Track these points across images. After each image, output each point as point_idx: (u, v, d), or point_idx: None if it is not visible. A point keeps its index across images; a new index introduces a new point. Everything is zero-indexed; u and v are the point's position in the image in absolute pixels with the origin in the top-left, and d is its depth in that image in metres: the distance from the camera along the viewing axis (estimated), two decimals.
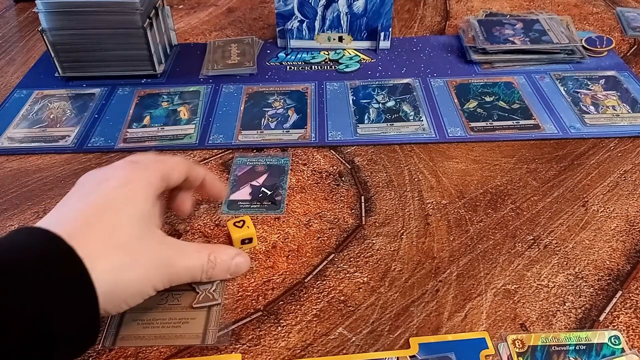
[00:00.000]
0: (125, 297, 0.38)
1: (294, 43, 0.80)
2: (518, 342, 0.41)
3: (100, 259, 0.35)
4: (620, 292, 0.45)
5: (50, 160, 0.61)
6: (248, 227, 0.48)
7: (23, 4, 0.98)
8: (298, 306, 0.45)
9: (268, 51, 0.81)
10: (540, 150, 0.61)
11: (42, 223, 0.37)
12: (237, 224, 0.48)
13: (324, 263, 0.48)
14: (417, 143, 0.62)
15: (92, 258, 0.34)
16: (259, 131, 0.65)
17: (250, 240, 0.49)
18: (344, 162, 0.60)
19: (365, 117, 0.66)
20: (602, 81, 0.72)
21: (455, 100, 0.69)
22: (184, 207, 0.48)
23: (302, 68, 0.77)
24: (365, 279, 0.47)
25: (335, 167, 0.59)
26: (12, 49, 0.84)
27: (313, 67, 0.77)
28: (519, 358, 0.40)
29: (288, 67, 0.77)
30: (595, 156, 0.60)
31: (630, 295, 0.45)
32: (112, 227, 0.37)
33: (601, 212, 0.53)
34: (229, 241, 0.49)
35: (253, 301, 0.45)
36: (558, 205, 0.54)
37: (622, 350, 0.41)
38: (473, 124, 0.65)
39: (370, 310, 0.44)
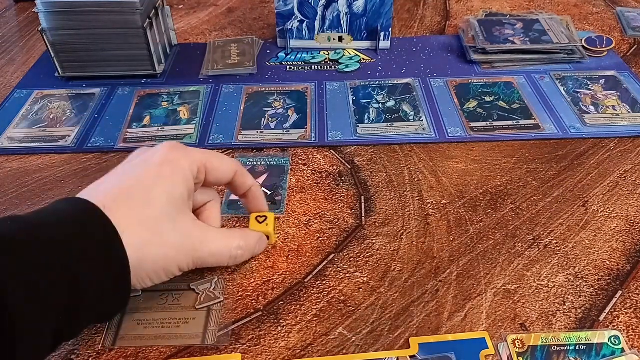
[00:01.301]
0: (149, 273, 0.39)
1: (294, 43, 0.80)
2: (518, 342, 0.41)
3: (128, 232, 0.36)
4: (620, 292, 0.45)
5: (50, 160, 0.61)
6: (267, 224, 0.48)
7: (23, 4, 0.98)
8: (298, 306, 0.45)
9: (268, 51, 0.81)
10: (540, 150, 0.61)
11: (83, 194, 0.38)
12: (259, 218, 0.48)
13: (324, 263, 0.48)
14: (417, 143, 0.62)
15: (122, 230, 0.36)
16: (259, 131, 0.65)
17: (267, 238, 0.49)
18: (344, 162, 0.60)
19: (365, 117, 0.66)
20: (602, 81, 0.72)
21: (455, 100, 0.69)
22: (210, 222, 0.47)
23: (302, 68, 0.77)
24: (365, 279, 0.47)
25: (335, 167, 0.59)
26: (12, 49, 0.84)
27: (313, 67, 0.77)
28: (519, 358, 0.40)
29: (288, 67, 0.77)
30: (595, 156, 0.60)
31: (630, 295, 0.45)
32: (142, 204, 0.38)
33: (601, 212, 0.53)
34: None
35: (253, 301, 0.45)
36: (558, 205, 0.54)
37: (622, 350, 0.41)
38: (473, 124, 0.65)
39: (370, 310, 0.44)
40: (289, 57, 0.79)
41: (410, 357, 0.40)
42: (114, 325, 0.43)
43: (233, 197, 0.55)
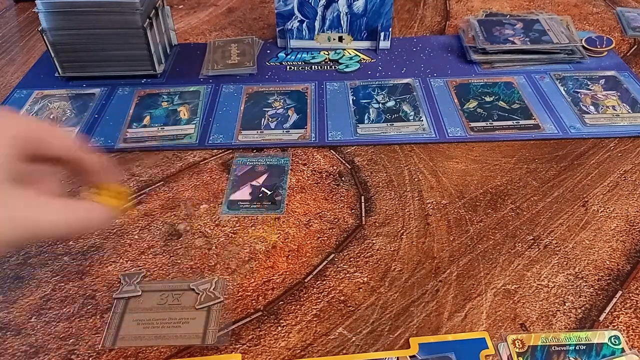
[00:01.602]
0: None
1: (294, 43, 0.80)
2: (518, 342, 0.41)
3: None
4: (620, 292, 0.45)
5: None
6: (111, 195, 0.39)
7: (23, 4, 0.98)
8: (298, 306, 0.45)
9: (268, 51, 0.81)
10: (540, 150, 0.61)
11: None
12: (101, 190, 0.39)
13: (324, 263, 0.48)
14: (417, 143, 0.62)
15: None
16: (259, 131, 0.65)
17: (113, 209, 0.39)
18: (344, 162, 0.60)
19: (365, 117, 0.66)
20: (602, 81, 0.72)
21: (455, 100, 0.69)
22: (46, 187, 0.40)
23: (302, 68, 0.77)
24: (365, 279, 0.47)
25: (335, 167, 0.59)
26: (12, 49, 0.84)
27: (313, 67, 0.77)
28: (519, 358, 0.40)
29: (288, 67, 0.77)
30: (595, 156, 0.60)
31: (630, 295, 0.45)
32: None
33: (601, 212, 0.53)
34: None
35: (253, 301, 0.45)
36: (558, 205, 0.54)
37: (622, 350, 0.41)
38: (473, 124, 0.65)
39: (370, 310, 0.44)
40: (289, 57, 0.79)
41: (410, 357, 0.40)
42: (113, 325, 0.43)
43: (233, 197, 0.55)
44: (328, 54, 0.79)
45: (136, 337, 0.42)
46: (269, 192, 0.56)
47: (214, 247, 0.50)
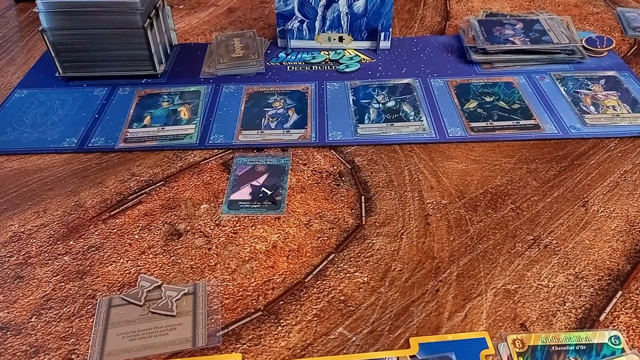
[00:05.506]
0: None
1: (294, 43, 0.80)
2: (518, 342, 0.41)
3: None
4: (620, 292, 0.45)
5: (51, 160, 0.61)
6: None
7: (23, 4, 0.98)
8: (298, 306, 0.45)
9: (268, 51, 0.81)
10: (540, 150, 0.61)
11: None
12: None
13: (324, 263, 0.48)
14: (417, 143, 0.62)
15: None
16: (259, 131, 0.65)
17: None
18: (344, 162, 0.60)
19: (366, 117, 0.66)
20: (603, 81, 0.72)
21: (455, 100, 0.69)
22: None
23: (302, 68, 0.77)
24: (366, 279, 0.47)
25: (335, 167, 0.59)
26: (12, 49, 0.84)
27: (313, 67, 0.77)
28: (519, 358, 0.40)
29: (288, 67, 0.77)
30: (595, 156, 0.60)
31: (631, 295, 0.45)
32: None
33: (601, 212, 0.53)
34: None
35: (253, 301, 0.45)
36: (558, 205, 0.54)
37: (622, 350, 0.41)
38: (473, 124, 0.65)
39: (371, 310, 0.44)
40: (289, 57, 0.79)
41: (410, 357, 0.41)
42: (97, 342, 0.42)
43: (233, 197, 0.55)
44: (328, 54, 0.79)
45: (124, 350, 0.42)
46: (269, 192, 0.56)
47: (214, 247, 0.50)
